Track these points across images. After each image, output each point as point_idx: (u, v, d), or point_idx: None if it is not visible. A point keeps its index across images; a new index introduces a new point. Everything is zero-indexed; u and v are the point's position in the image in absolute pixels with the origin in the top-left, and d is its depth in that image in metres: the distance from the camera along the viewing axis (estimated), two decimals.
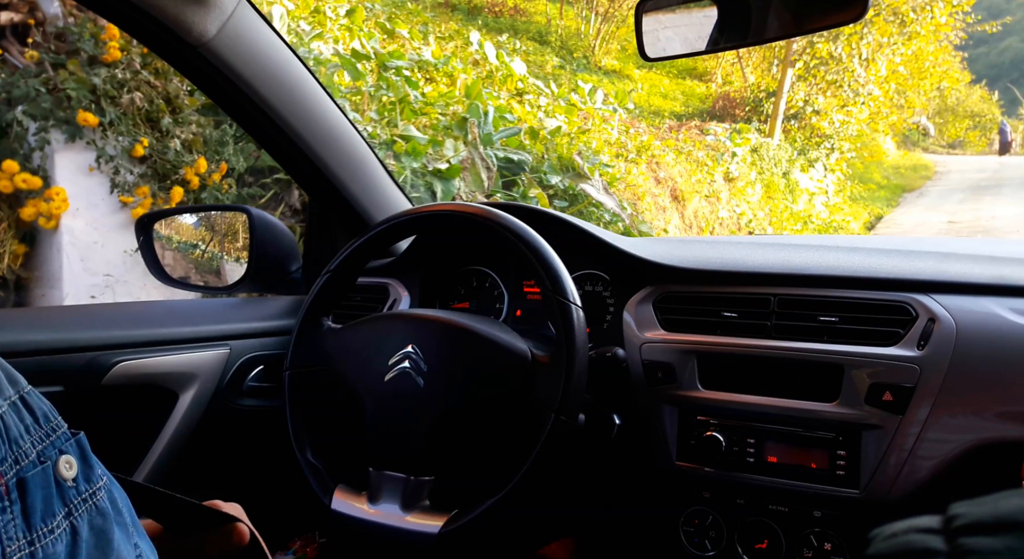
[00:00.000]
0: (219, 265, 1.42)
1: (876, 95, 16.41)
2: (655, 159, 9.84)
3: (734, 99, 17.36)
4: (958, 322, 1.16)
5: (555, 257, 1.16)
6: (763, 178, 13.14)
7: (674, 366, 1.32)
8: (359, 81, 6.10)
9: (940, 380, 1.12)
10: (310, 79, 1.39)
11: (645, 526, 1.42)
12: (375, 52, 6.90)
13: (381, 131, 5.60)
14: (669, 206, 9.60)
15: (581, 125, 8.55)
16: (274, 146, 1.43)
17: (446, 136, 5.97)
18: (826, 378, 1.21)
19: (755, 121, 15.46)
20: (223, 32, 1.21)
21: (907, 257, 1.35)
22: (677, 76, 19.54)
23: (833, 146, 16.35)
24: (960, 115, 32.20)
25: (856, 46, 15.22)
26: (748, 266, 1.37)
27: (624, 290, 1.45)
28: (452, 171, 5.48)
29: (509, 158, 6.23)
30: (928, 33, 16.17)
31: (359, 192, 1.54)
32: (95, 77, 4.15)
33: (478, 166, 5.84)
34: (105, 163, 4.12)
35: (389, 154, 5.32)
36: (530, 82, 9.72)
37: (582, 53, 16.65)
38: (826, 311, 1.26)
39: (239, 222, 1.49)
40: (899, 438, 1.14)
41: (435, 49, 8.86)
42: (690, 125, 13.67)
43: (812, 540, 1.22)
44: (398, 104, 6.10)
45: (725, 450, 1.26)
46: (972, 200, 15.73)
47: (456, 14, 15.58)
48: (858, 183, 17.32)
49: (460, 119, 6.28)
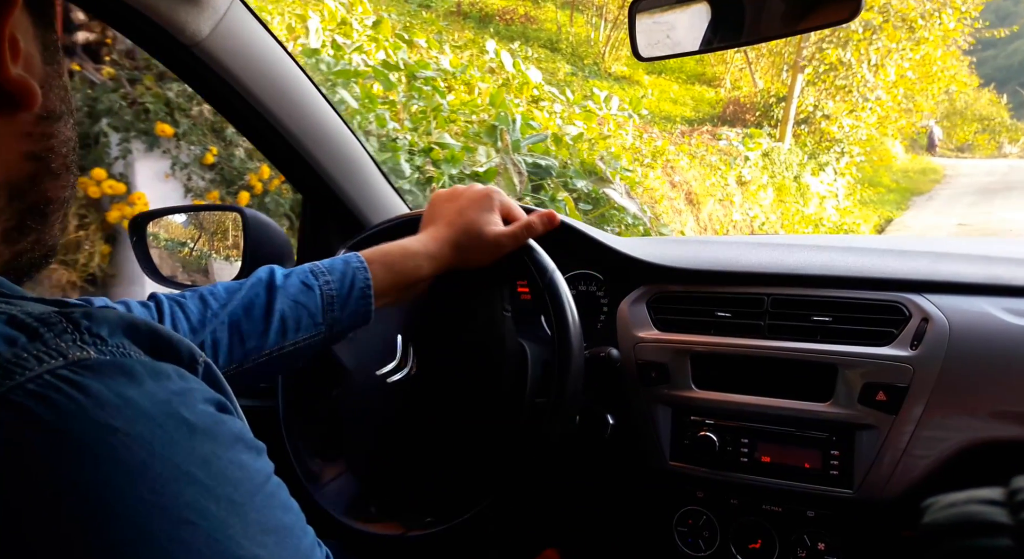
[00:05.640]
0: (213, 264, 1.42)
1: (884, 100, 16.56)
2: (670, 163, 10.00)
3: (744, 104, 17.50)
4: (951, 322, 1.15)
5: (548, 258, 1.16)
6: (774, 182, 13.28)
7: (668, 366, 1.32)
8: (391, 91, 6.32)
9: (933, 380, 1.12)
10: (304, 79, 1.39)
11: (638, 526, 1.41)
12: (404, 63, 7.13)
13: (418, 139, 5.85)
14: (684, 209, 9.76)
15: (600, 131, 8.72)
16: (268, 146, 1.43)
17: (477, 143, 6.24)
18: (819, 378, 1.21)
19: (766, 126, 15.57)
20: (216, 32, 1.21)
21: (900, 257, 1.34)
22: (686, 81, 19.64)
23: (843, 150, 16.47)
24: (969, 118, 32.10)
25: (865, 52, 15.39)
26: (742, 266, 1.37)
27: (618, 290, 1.45)
28: (488, 175, 5.74)
29: (537, 163, 6.51)
30: (936, 38, 16.26)
31: (354, 193, 1.54)
32: (168, 91, 4.56)
33: (510, 171, 6.13)
34: (179, 170, 4.53)
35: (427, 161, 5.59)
36: (545, 89, 9.82)
37: (592, 60, 16.82)
38: (819, 311, 1.25)
39: (233, 222, 1.49)
40: (893, 438, 1.13)
41: (453, 58, 9.01)
42: (702, 130, 13.85)
43: (806, 540, 1.22)
44: (431, 113, 6.38)
45: (719, 450, 1.25)
46: (982, 203, 15.75)
47: (468, 22, 15.74)
48: (867, 187, 17.35)
49: (489, 127, 6.55)
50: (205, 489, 0.45)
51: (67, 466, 0.41)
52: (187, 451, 0.45)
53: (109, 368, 0.46)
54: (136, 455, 0.43)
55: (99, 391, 0.44)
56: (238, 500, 0.46)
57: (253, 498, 0.48)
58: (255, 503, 0.48)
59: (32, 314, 0.48)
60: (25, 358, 0.44)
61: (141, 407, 0.45)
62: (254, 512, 0.47)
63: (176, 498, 0.43)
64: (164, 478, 0.43)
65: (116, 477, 0.42)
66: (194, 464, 0.45)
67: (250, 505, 0.47)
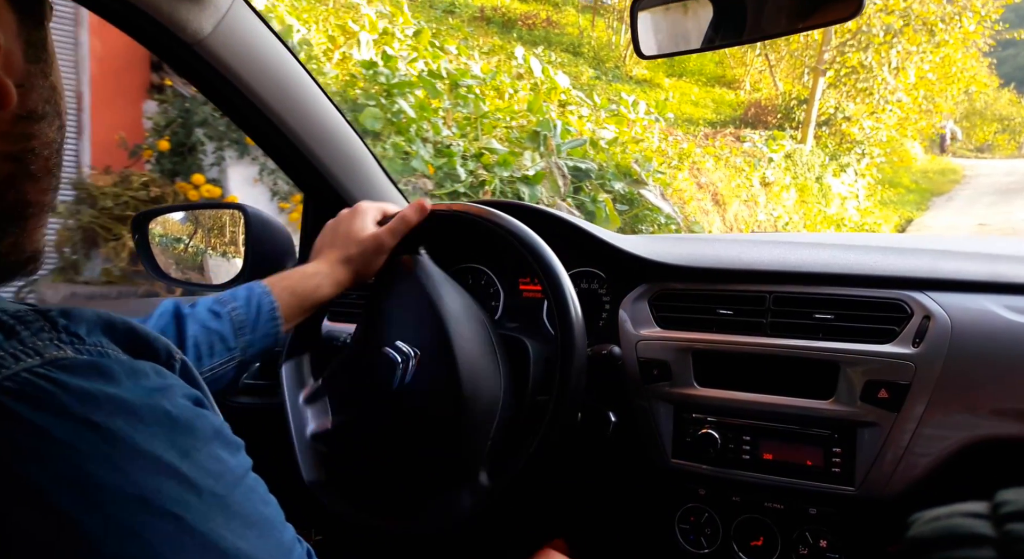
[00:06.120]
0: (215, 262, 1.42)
1: (905, 102, 16.61)
2: (696, 165, 10.21)
3: (765, 106, 17.59)
4: (953, 319, 1.15)
5: (552, 255, 1.16)
6: (797, 183, 13.42)
7: (670, 364, 1.32)
8: (437, 99, 6.76)
9: (935, 377, 1.12)
10: (305, 77, 1.40)
11: (640, 524, 1.41)
12: (447, 71, 7.65)
13: (468, 144, 6.47)
14: (711, 210, 9.96)
15: (632, 135, 9.07)
16: (269, 143, 1.44)
17: (521, 148, 6.81)
18: (821, 375, 1.20)
19: (787, 127, 15.66)
20: (218, 30, 1.22)
21: (903, 254, 1.33)
22: (706, 84, 19.70)
23: (864, 151, 16.58)
24: (988, 118, 31.80)
25: (886, 55, 15.50)
26: (744, 264, 1.37)
27: (620, 288, 1.45)
28: (537, 178, 6.31)
29: (577, 166, 7.06)
30: (957, 41, 16.35)
31: (355, 190, 1.54)
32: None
33: (555, 174, 6.65)
34: (267, 175, 5.05)
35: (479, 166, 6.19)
36: (573, 94, 10.08)
37: (614, 63, 16.91)
38: (821, 308, 1.25)
39: (236, 219, 1.50)
40: (894, 435, 1.13)
41: (483, 65, 9.34)
42: (725, 132, 14.02)
43: (807, 537, 1.22)
44: (479, 119, 7.02)
45: (720, 447, 1.25)
46: (1002, 203, 15.66)
47: (491, 27, 15.83)
48: (888, 187, 17.35)
49: (532, 132, 7.11)
50: (187, 482, 0.45)
51: (48, 461, 0.42)
52: (168, 444, 0.46)
53: (86, 368, 0.46)
54: (116, 449, 0.43)
55: (78, 387, 0.44)
56: (220, 492, 0.47)
57: (234, 491, 0.49)
58: (236, 496, 0.48)
59: (8, 312, 0.48)
60: (1, 356, 0.44)
61: (120, 402, 0.45)
62: (235, 505, 0.48)
63: (158, 492, 0.44)
64: (146, 471, 0.44)
65: (98, 472, 0.42)
66: (175, 457, 0.45)
67: (231, 498, 0.48)
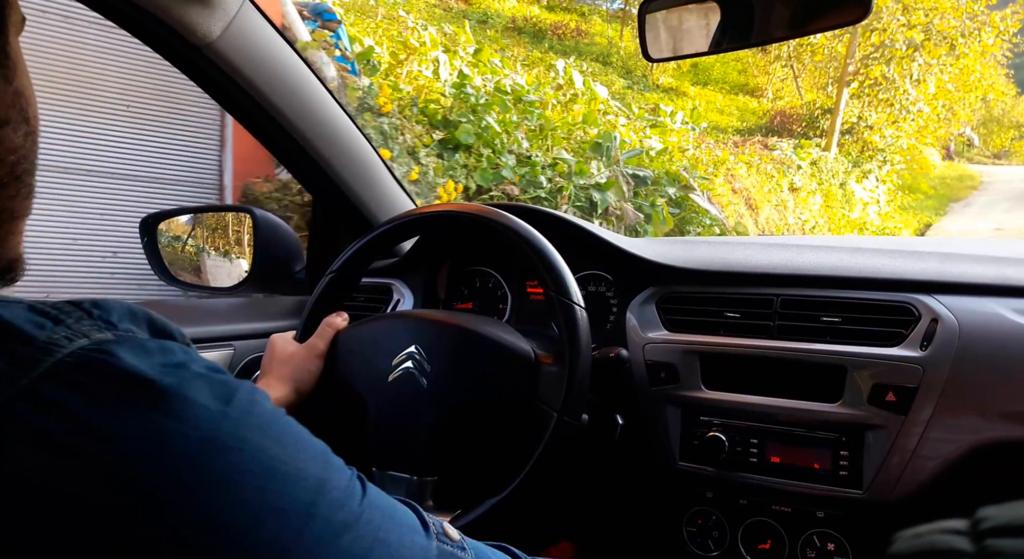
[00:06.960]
0: (223, 266, 1.43)
1: (925, 112, 17.00)
2: (730, 172, 10.76)
3: (790, 115, 17.95)
4: (961, 322, 1.14)
5: (559, 258, 1.16)
6: (822, 188, 13.86)
7: (677, 366, 1.31)
8: (507, 113, 7.33)
9: (943, 380, 1.11)
10: (313, 80, 1.40)
11: (648, 527, 1.41)
12: (512, 87, 8.33)
13: (542, 155, 7.17)
14: (745, 214, 10.43)
15: (678, 144, 9.72)
16: (278, 146, 1.45)
17: (586, 158, 7.58)
18: (829, 378, 1.20)
19: (812, 136, 16.04)
20: (227, 33, 1.22)
21: (910, 257, 1.33)
22: (730, 92, 19.94)
23: (885, 158, 17.07)
24: (1005, 125, 31.67)
25: (908, 67, 16.15)
26: (751, 267, 1.36)
27: (627, 291, 1.45)
28: (608, 185, 7.11)
29: (635, 174, 7.89)
30: (976, 53, 16.77)
31: (363, 192, 1.55)
32: (383, 124, 6.03)
33: (620, 181, 7.40)
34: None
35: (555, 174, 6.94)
36: (611, 104, 10.54)
37: (641, 72, 17.08)
38: (829, 312, 1.24)
39: (244, 222, 1.50)
40: (902, 438, 1.12)
41: (527, 77, 9.93)
42: (753, 140, 14.54)
43: (815, 540, 1.21)
44: (549, 132, 7.80)
45: (728, 450, 1.25)
46: (1018, 209, 15.74)
47: (523, 37, 16.04)
48: (907, 193, 17.50)
49: (594, 143, 7.93)
50: (237, 421, 0.49)
51: (112, 420, 0.45)
52: (212, 395, 0.49)
53: (128, 345, 0.50)
54: (173, 404, 0.47)
55: (124, 355, 0.48)
56: (265, 423, 0.51)
57: (278, 422, 0.53)
58: (281, 426, 0.53)
59: (47, 304, 0.51)
60: (57, 339, 0.47)
61: (163, 367, 0.49)
62: (287, 436, 0.52)
63: (216, 431, 0.48)
64: (201, 418, 0.48)
65: (164, 423, 0.46)
66: (222, 403, 0.49)
67: (278, 428, 0.52)
